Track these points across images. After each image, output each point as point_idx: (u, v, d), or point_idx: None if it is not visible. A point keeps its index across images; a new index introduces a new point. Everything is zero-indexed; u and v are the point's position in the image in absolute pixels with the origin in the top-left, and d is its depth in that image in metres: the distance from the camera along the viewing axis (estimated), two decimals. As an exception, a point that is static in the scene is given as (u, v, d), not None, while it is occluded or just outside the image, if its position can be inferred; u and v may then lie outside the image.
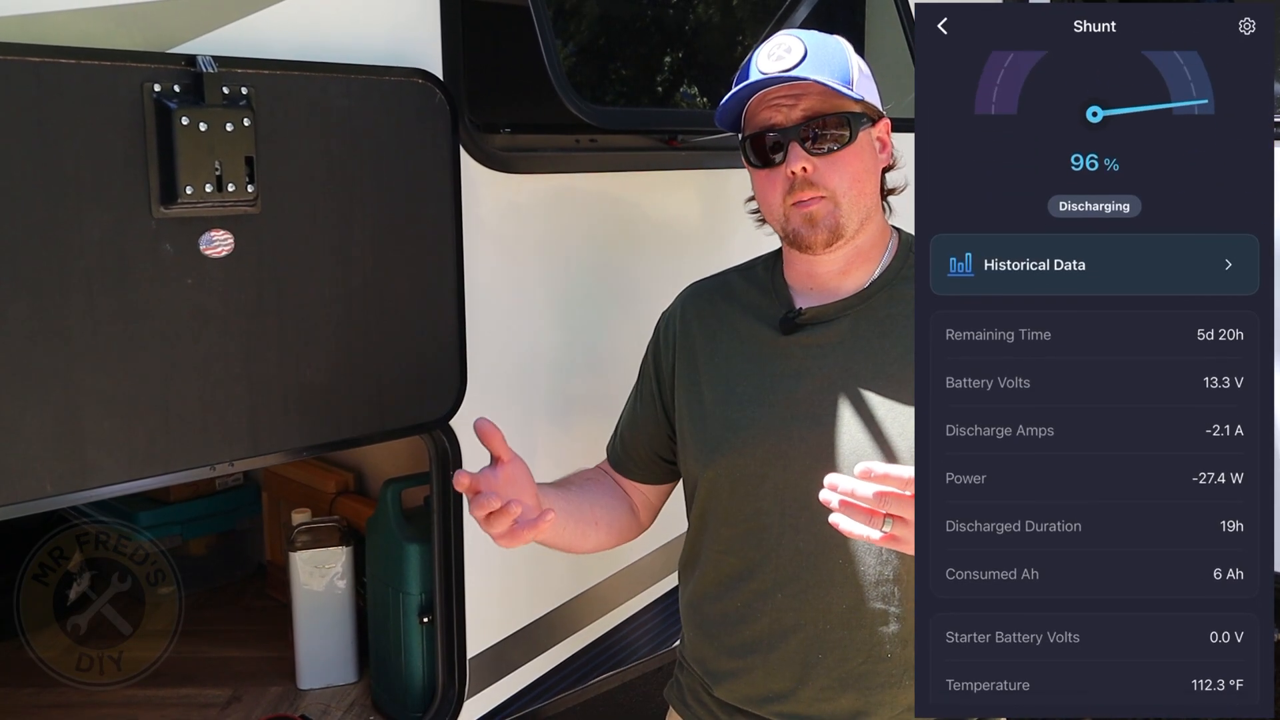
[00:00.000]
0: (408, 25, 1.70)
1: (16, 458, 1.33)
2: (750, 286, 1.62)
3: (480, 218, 1.82)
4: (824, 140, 1.44)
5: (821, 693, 1.50)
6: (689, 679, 1.66)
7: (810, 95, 1.45)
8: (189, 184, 1.40)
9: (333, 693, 2.19)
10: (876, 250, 1.54)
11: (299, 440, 1.62)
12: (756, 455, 1.50)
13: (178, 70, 1.40)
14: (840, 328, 1.51)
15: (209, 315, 1.47)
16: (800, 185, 1.45)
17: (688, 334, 1.62)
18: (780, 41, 1.46)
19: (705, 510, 1.58)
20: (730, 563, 1.55)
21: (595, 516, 1.65)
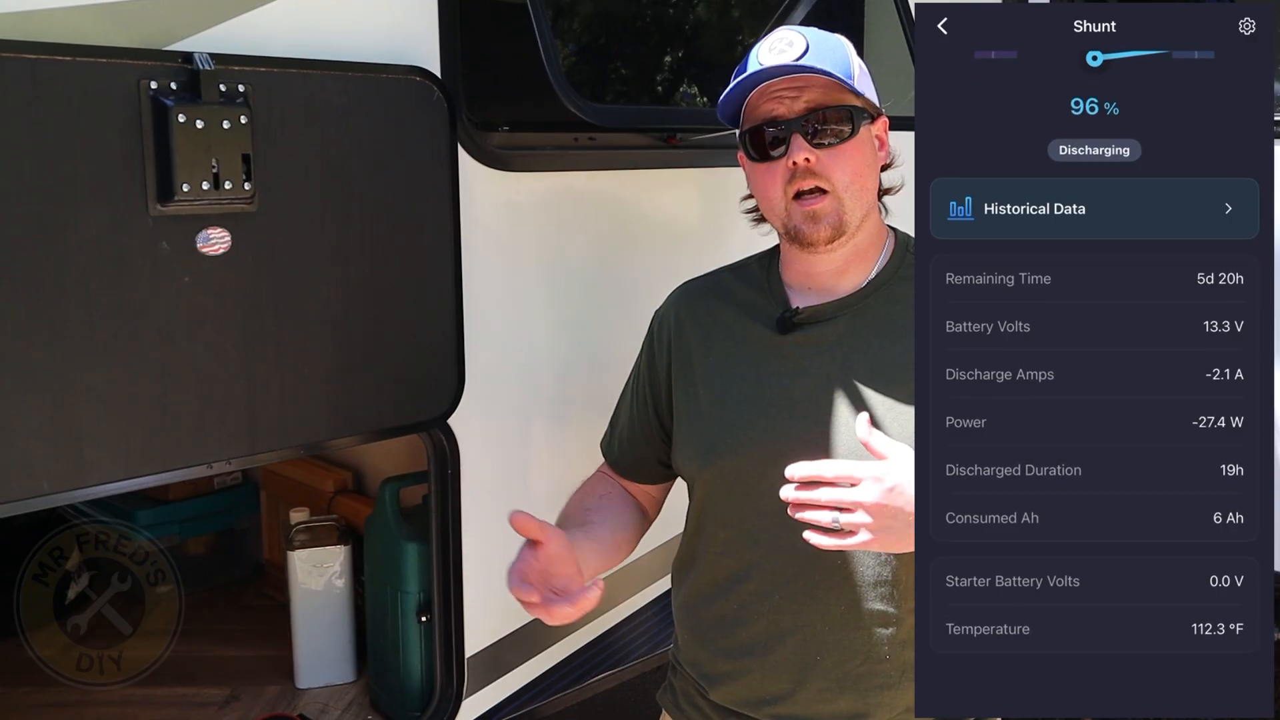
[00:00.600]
0: (405, 23, 1.70)
1: (13, 456, 1.33)
2: (745, 285, 1.61)
3: (478, 216, 1.81)
4: (826, 133, 1.43)
5: (819, 694, 1.49)
6: (683, 683, 1.65)
7: (813, 88, 1.44)
8: (186, 181, 1.39)
9: (331, 692, 2.19)
10: (874, 249, 1.54)
11: (296, 439, 1.62)
12: (754, 455, 1.49)
13: (174, 67, 1.39)
14: (837, 327, 1.50)
15: (206, 313, 1.47)
16: (801, 175, 1.44)
17: (681, 335, 1.61)
18: (782, 35, 1.45)
19: (702, 511, 1.58)
20: (727, 564, 1.54)
21: (618, 540, 1.64)
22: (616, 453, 1.72)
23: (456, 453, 1.83)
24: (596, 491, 1.71)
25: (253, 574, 2.76)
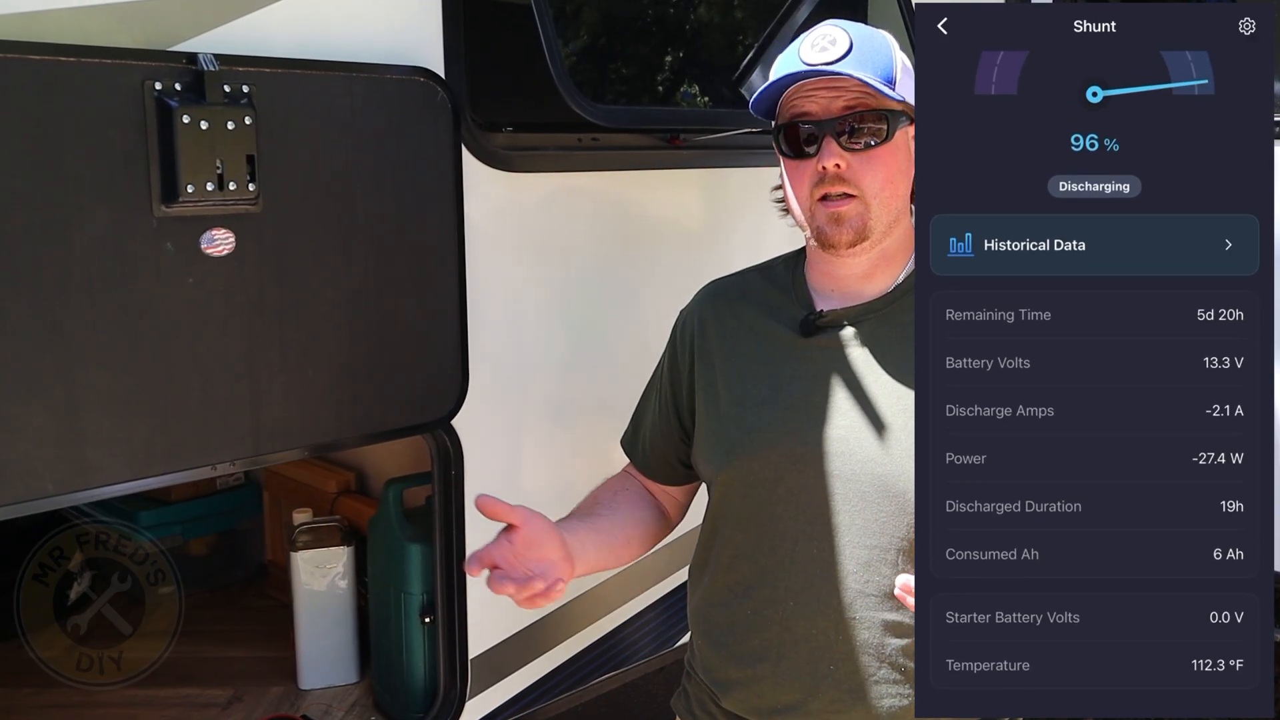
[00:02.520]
0: (410, 23, 1.70)
1: (18, 457, 1.32)
2: (770, 286, 1.59)
3: (482, 216, 1.81)
4: (860, 135, 1.41)
5: (831, 704, 1.46)
6: (696, 689, 1.63)
7: (851, 90, 1.42)
8: (190, 183, 1.39)
9: (334, 693, 2.19)
10: (902, 254, 1.51)
11: (301, 440, 1.61)
12: (771, 459, 1.47)
13: (179, 68, 1.39)
14: (861, 332, 1.48)
15: (210, 314, 1.47)
16: (830, 180, 1.42)
17: (704, 334, 1.60)
18: (825, 32, 1.43)
19: (718, 514, 1.56)
20: (742, 569, 1.52)
21: (627, 535, 1.63)
22: (638, 451, 1.71)
23: (460, 454, 1.83)
24: (612, 487, 1.70)
25: (255, 575, 2.76)
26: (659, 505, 1.70)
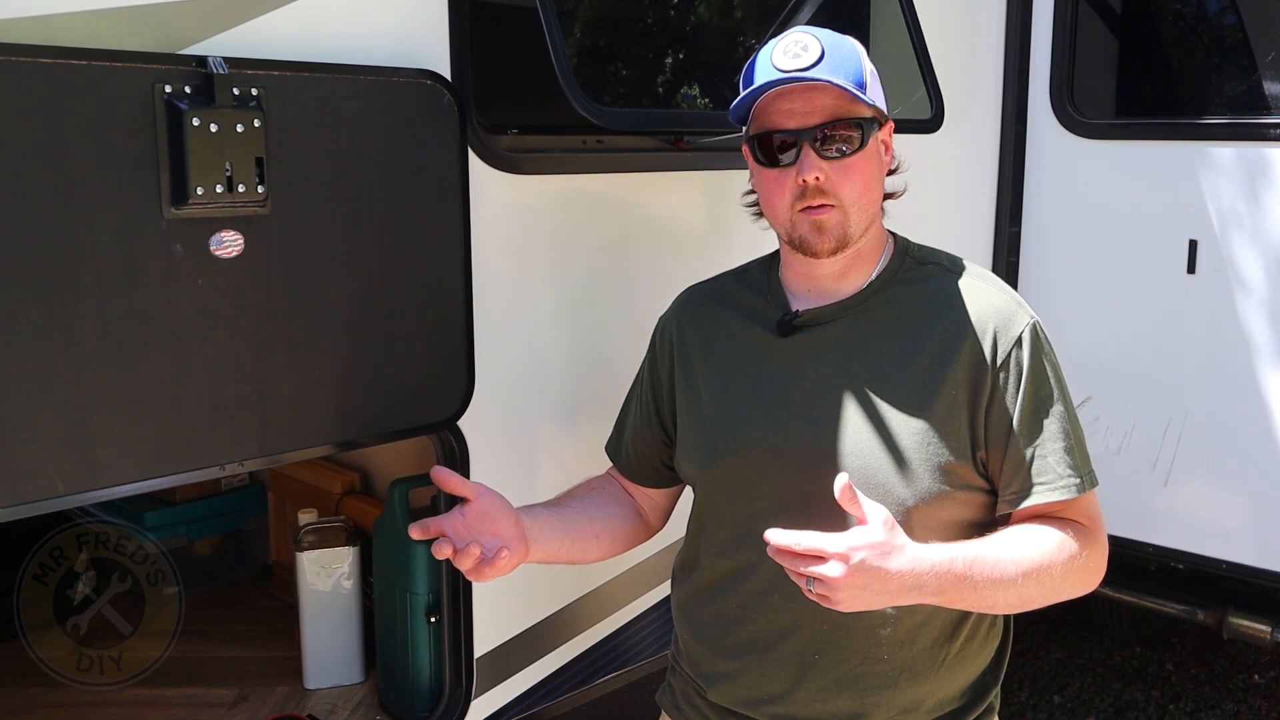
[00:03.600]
0: (416, 27, 1.70)
1: (28, 458, 1.33)
2: (746, 289, 1.61)
3: (488, 218, 1.82)
4: (835, 143, 1.43)
5: (817, 694, 1.50)
6: (681, 683, 1.66)
7: (825, 96, 1.43)
8: (200, 185, 1.40)
9: (339, 692, 2.20)
10: (874, 253, 1.54)
11: (308, 440, 1.62)
12: (754, 457, 1.50)
13: (188, 71, 1.40)
14: (837, 329, 1.51)
15: (219, 316, 1.47)
16: (811, 193, 1.44)
17: (684, 339, 1.62)
18: (796, 39, 1.44)
19: (703, 513, 1.59)
20: (727, 564, 1.55)
21: (595, 530, 1.65)
22: (620, 455, 1.74)
23: (466, 454, 1.83)
24: (589, 484, 1.73)
25: (260, 575, 2.76)
26: (636, 507, 1.73)
